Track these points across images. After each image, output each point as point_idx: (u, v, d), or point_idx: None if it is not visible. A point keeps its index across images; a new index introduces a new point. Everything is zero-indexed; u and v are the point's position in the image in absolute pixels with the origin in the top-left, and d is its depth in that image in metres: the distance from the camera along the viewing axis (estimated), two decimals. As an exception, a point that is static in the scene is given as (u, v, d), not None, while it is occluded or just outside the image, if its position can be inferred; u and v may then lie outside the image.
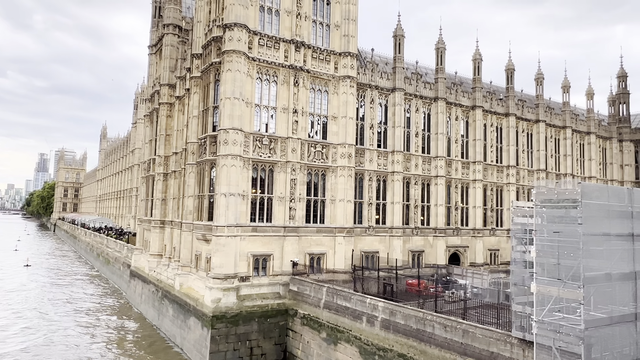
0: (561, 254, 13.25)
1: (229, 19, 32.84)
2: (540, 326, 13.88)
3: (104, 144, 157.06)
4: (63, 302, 52.15)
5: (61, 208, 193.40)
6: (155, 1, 54.63)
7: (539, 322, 13.93)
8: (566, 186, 13.87)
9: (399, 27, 42.62)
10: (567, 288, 12.99)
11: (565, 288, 13.02)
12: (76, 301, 52.80)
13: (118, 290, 59.54)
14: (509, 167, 49.06)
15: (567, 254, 13.06)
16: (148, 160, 51.26)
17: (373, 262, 38.66)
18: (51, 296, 54.94)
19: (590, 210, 12.92)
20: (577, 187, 12.88)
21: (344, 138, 36.83)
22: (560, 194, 13.64)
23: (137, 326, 41.95)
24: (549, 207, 14.02)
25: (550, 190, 13.98)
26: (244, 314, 31.26)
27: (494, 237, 47.63)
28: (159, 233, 46.11)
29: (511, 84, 50.37)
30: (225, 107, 32.32)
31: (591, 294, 13.04)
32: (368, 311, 26.15)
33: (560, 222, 13.68)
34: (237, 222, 32.03)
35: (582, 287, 12.48)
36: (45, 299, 53.39)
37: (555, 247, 13.57)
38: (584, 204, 12.66)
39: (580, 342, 12.43)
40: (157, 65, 52.47)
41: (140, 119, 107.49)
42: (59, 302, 52.06)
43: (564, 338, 12.97)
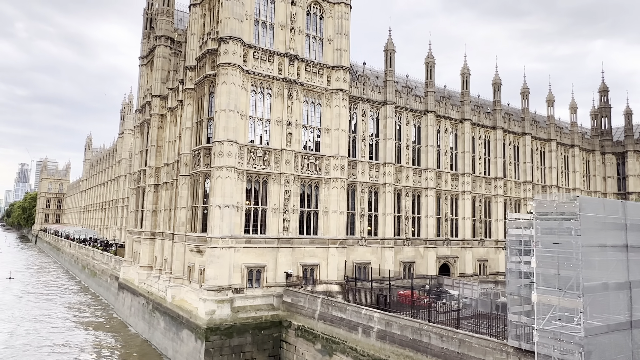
0: (560, 264, 13.74)
1: (225, 32, 33.22)
2: (541, 335, 14.32)
3: (89, 154, 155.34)
4: (48, 315, 51.20)
5: (43, 219, 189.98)
6: (146, 13, 54.80)
7: (540, 330, 14.37)
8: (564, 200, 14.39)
9: (390, 42, 43.49)
10: (566, 297, 13.48)
11: (565, 297, 13.51)
12: (62, 314, 51.89)
13: (105, 302, 58.66)
14: (496, 179, 50.04)
15: (566, 265, 13.57)
16: (138, 171, 51.01)
17: (365, 273, 38.97)
18: (36, 310, 53.90)
19: (588, 223, 13.48)
20: (576, 200, 13.46)
21: (337, 150, 37.28)
22: (559, 207, 14.19)
23: (126, 339, 41.41)
24: (546, 219, 14.55)
25: (550, 204, 14.53)
26: (238, 325, 31.21)
27: (482, 247, 48.38)
28: (149, 245, 45.78)
29: (498, 97, 51.58)
30: (220, 119, 32.55)
31: (588, 303, 13.54)
32: (364, 322, 26.38)
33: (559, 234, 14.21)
34: (231, 233, 32.11)
35: (582, 297, 12.99)
36: (30, 312, 52.36)
37: (554, 257, 14.08)
38: (582, 217, 13.23)
39: (580, 349, 12.90)
40: (148, 76, 52.49)
41: (127, 130, 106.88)
42: (44, 315, 51.10)
43: (564, 346, 13.42)
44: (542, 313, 14.63)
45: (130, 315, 46.32)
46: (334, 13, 38.76)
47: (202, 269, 33.49)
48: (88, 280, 73.50)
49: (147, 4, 54.95)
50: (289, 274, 34.21)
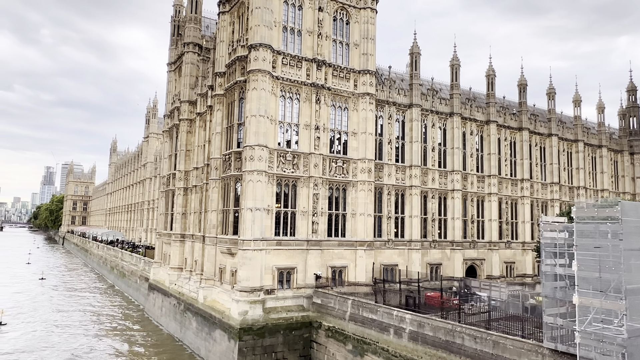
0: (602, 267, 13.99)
1: (254, 40, 34.05)
2: (583, 336, 14.59)
3: (114, 157, 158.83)
4: (81, 314, 52.86)
5: (70, 221, 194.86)
6: (174, 20, 56.16)
7: (582, 332, 14.64)
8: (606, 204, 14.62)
9: (415, 45, 43.80)
10: (608, 299, 13.72)
11: (607, 300, 13.76)
12: (94, 314, 53.51)
13: (135, 303, 60.19)
14: (523, 180, 49.82)
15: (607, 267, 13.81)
16: (167, 175, 52.31)
17: (392, 275, 39.30)
18: (68, 309, 55.68)
19: (629, 227, 13.70)
20: (618, 205, 13.71)
21: (364, 153, 37.75)
22: (600, 211, 14.44)
23: (159, 338, 42.57)
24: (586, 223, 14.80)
25: (590, 208, 14.79)
26: (270, 326, 31.93)
27: (509, 249, 48.20)
28: (179, 246, 46.95)
29: (524, 98, 51.35)
30: (250, 124, 33.37)
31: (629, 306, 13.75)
32: (395, 323, 26.78)
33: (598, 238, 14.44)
34: (262, 235, 32.87)
35: (624, 299, 13.23)
36: (62, 311, 54.12)
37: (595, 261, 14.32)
38: (623, 221, 13.47)
39: (622, 350, 13.13)
40: (176, 82, 53.82)
41: (152, 134, 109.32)
42: (77, 314, 52.78)
43: (605, 347, 13.67)
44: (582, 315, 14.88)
45: (162, 315, 47.53)
46: (360, 18, 39.28)
47: (234, 270, 34.34)
48: (117, 281, 75.41)
49: (175, 11, 56.28)
50: (319, 276, 34.80)
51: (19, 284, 75.44)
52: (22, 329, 45.26)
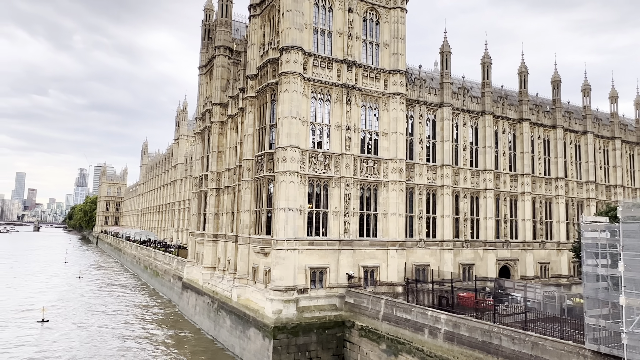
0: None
1: (286, 42, 34.49)
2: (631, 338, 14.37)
3: (145, 159, 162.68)
4: (117, 312, 54.51)
5: (103, 221, 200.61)
6: (204, 24, 57.26)
7: (629, 333, 14.42)
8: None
9: (446, 44, 43.48)
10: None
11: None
12: (129, 311, 55.10)
13: (169, 301, 61.65)
14: (557, 179, 48.80)
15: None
16: (200, 176, 53.39)
17: (425, 275, 39.15)
18: (105, 307, 57.48)
19: (679, 227, 13.45)
20: (667, 204, 13.49)
21: (395, 153, 37.74)
22: (648, 211, 14.21)
23: (193, 336, 43.56)
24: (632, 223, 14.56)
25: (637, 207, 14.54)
26: (303, 325, 32.30)
27: (543, 250, 47.30)
28: (212, 246, 47.89)
29: (557, 95, 50.29)
30: (283, 125, 33.83)
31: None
32: (430, 323, 26.74)
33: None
34: (295, 235, 33.28)
35: (675, 300, 12.99)
36: (99, 309, 55.92)
37: (643, 261, 14.08)
38: (673, 221, 13.24)
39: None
40: (208, 85, 54.88)
41: (182, 136, 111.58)
42: (113, 312, 54.45)
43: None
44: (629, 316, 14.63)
45: (195, 313, 48.57)
46: (390, 18, 39.27)
47: (267, 269, 34.87)
48: (151, 280, 77.32)
49: (205, 15, 57.40)
50: (351, 275, 35.00)
51: (59, 282, 78.31)
52: (63, 326, 47.01)
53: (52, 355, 36.98)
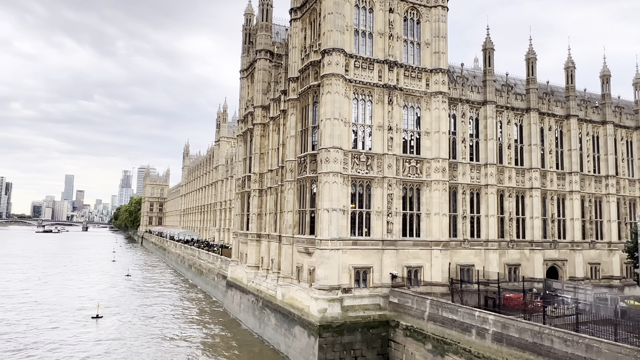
0: None
1: (327, 45, 34.94)
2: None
3: (187, 161, 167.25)
4: (166, 308, 56.55)
5: (147, 222, 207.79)
6: (245, 29, 58.55)
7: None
8: None
9: (488, 41, 42.82)
10: None
11: None
12: (177, 308, 57.06)
13: (213, 299, 63.40)
14: (607, 177, 47.12)
15: None
16: (242, 177, 54.67)
17: (469, 276, 38.74)
18: (154, 304, 59.72)
19: None
20: None
21: (438, 153, 37.52)
22: None
23: (239, 333, 44.72)
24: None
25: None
26: (348, 324, 32.66)
27: (593, 250, 45.78)
28: (256, 246, 48.97)
29: (607, 90, 48.57)
30: (325, 127, 34.30)
31: None
32: (477, 324, 26.55)
33: None
34: (339, 235, 33.69)
35: None
36: (148, 306, 58.16)
37: None
38: None
39: None
40: (249, 88, 56.10)
41: (223, 137, 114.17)
42: (162, 308, 56.51)
43: None
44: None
45: (240, 311, 49.81)
46: (431, 17, 39.06)
47: (312, 269, 35.43)
48: (195, 278, 79.66)
49: (246, 20, 58.69)
50: (394, 275, 35.08)
51: (109, 280, 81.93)
52: (116, 322, 49.25)
53: (108, 349, 38.88)
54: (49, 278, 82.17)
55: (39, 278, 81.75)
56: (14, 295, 63.76)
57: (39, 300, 60.58)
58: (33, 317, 50.40)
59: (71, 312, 53.47)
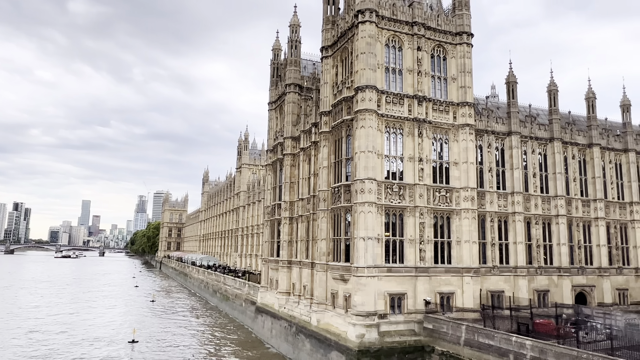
0: None
1: (360, 82, 37.15)
2: None
3: (207, 187, 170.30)
4: (196, 334, 57.89)
5: (166, 247, 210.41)
6: (273, 63, 61.44)
7: None
8: None
9: (511, 74, 44.79)
10: None
11: None
12: (207, 333, 58.38)
13: (241, 324, 64.59)
14: (632, 203, 48.11)
15: None
16: (272, 205, 56.58)
17: (499, 301, 39.67)
18: (184, 329, 61.12)
19: None
20: None
21: (466, 182, 39.07)
22: None
23: (272, 358, 45.84)
24: None
25: None
26: (385, 349, 33.81)
27: (621, 276, 46.45)
28: (287, 272, 50.46)
29: (627, 119, 50.06)
30: (360, 159, 36.19)
31: None
32: (515, 349, 27.61)
33: None
34: (374, 263, 35.15)
35: None
36: (179, 331, 59.56)
37: None
38: None
39: None
40: (277, 119, 58.59)
41: (244, 164, 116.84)
42: (193, 334, 57.87)
43: None
44: None
45: (272, 337, 50.99)
46: (457, 53, 41.19)
47: (347, 295, 36.80)
48: (220, 304, 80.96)
49: (274, 55, 61.62)
50: (428, 301, 36.26)
51: (135, 305, 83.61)
52: (152, 346, 50.72)
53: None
54: (77, 304, 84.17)
55: (67, 303, 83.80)
56: (46, 320, 65.70)
57: (71, 324, 62.42)
58: (70, 341, 52.13)
59: (106, 337, 55.10)
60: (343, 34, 41.40)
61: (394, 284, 35.93)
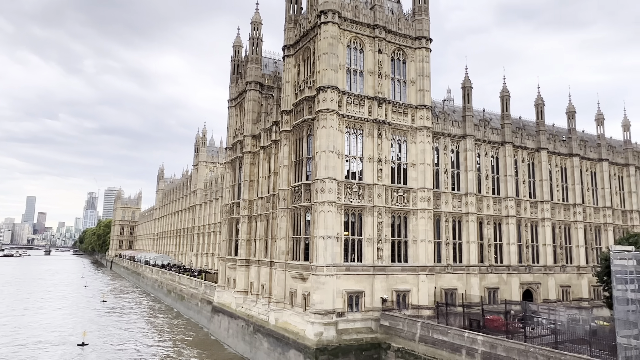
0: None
1: (322, 82, 37.40)
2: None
3: (162, 184, 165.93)
4: (150, 334, 56.41)
5: (117, 245, 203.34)
6: (233, 60, 60.77)
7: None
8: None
9: (467, 80, 46.37)
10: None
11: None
12: (161, 334, 56.99)
13: (197, 324, 63.48)
14: (575, 205, 50.92)
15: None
16: (230, 204, 55.96)
17: (453, 299, 41.04)
18: (136, 329, 59.41)
19: None
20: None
21: (423, 183, 40.15)
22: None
23: (227, 357, 45.38)
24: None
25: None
26: (343, 347, 34.24)
27: (564, 274, 49.09)
28: (245, 271, 50.07)
29: (573, 125, 52.90)
30: (320, 159, 36.45)
31: None
32: (467, 344, 28.69)
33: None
34: (333, 262, 35.51)
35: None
36: (131, 332, 57.86)
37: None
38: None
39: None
40: (237, 117, 57.99)
41: (201, 162, 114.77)
42: (146, 334, 56.36)
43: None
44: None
45: (228, 336, 50.45)
46: (416, 57, 42.21)
47: (306, 294, 36.98)
48: (175, 304, 79.21)
49: (234, 52, 60.99)
50: (385, 299, 37.02)
51: (84, 306, 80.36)
52: (102, 349, 48.99)
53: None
54: (22, 305, 80.00)
55: (11, 305, 79.49)
56: (-11, 323, 62.15)
57: (15, 327, 59.33)
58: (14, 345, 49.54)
59: (54, 340, 52.74)
60: (305, 34, 41.53)
61: (352, 282, 36.44)
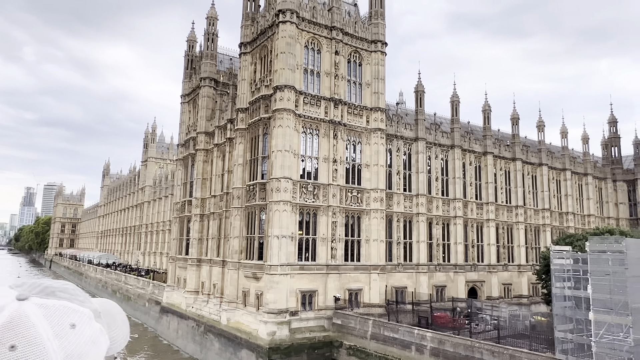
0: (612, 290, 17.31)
1: (279, 81, 37.38)
2: (598, 346, 17.76)
3: (107, 180, 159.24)
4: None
5: (57, 243, 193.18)
6: (187, 55, 59.47)
7: (597, 342, 17.81)
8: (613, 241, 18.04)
9: (420, 84, 47.75)
10: (618, 315, 16.96)
11: (616, 316, 17.00)
12: (108, 337, 54.80)
13: (144, 325, 61.56)
14: (517, 207, 53.67)
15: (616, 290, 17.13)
16: (182, 202, 54.72)
17: (403, 297, 42.20)
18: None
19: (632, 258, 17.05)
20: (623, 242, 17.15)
21: (376, 184, 41.01)
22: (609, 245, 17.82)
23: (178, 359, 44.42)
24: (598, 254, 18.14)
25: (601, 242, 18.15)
26: (295, 345, 34.42)
27: (506, 272, 51.64)
28: (196, 271, 49.15)
29: (516, 131, 55.71)
30: (276, 158, 36.42)
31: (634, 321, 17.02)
32: (416, 341, 29.64)
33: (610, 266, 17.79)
34: (287, 261, 35.60)
35: (630, 315, 16.48)
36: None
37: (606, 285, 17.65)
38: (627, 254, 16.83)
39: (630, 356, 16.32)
40: (191, 113, 56.78)
41: (150, 158, 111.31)
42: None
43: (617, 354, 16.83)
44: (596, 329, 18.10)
45: (178, 337, 49.31)
46: (371, 60, 43.02)
47: (259, 293, 36.84)
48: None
49: (188, 46, 59.68)
50: (338, 298, 37.51)
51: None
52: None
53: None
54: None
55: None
56: None
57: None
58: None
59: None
60: (263, 32, 41.32)
61: (305, 281, 36.66)
